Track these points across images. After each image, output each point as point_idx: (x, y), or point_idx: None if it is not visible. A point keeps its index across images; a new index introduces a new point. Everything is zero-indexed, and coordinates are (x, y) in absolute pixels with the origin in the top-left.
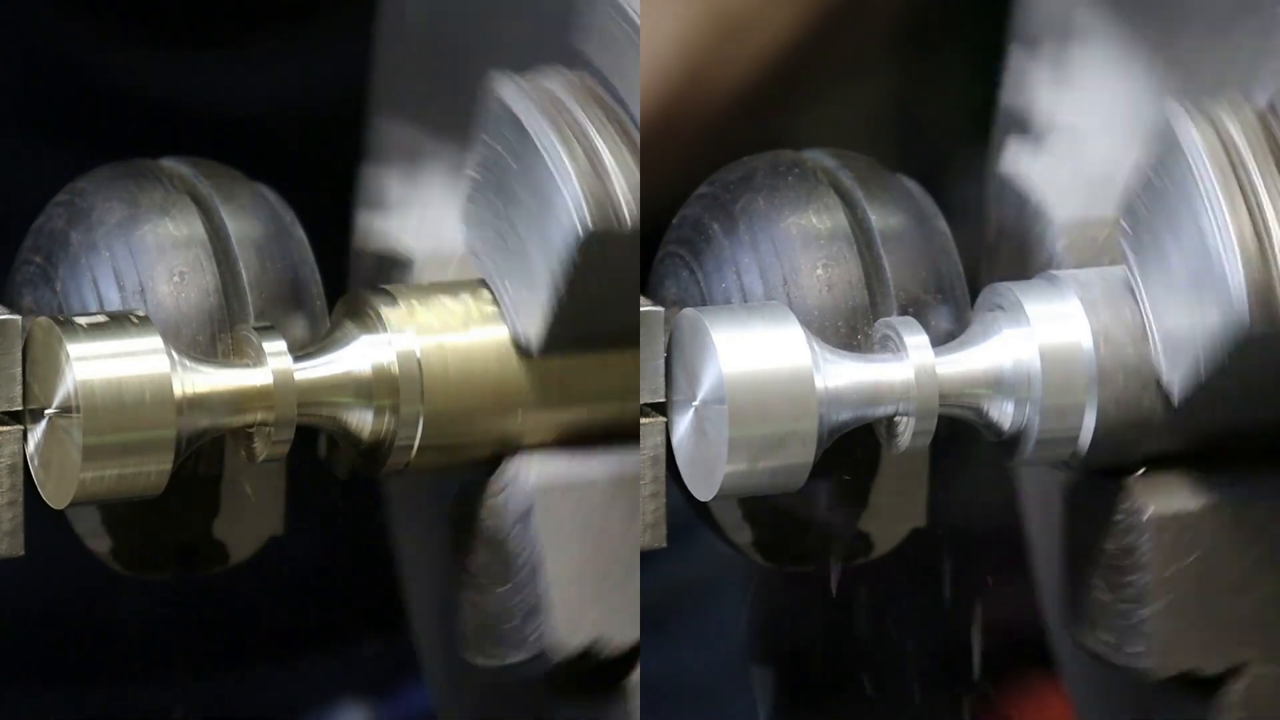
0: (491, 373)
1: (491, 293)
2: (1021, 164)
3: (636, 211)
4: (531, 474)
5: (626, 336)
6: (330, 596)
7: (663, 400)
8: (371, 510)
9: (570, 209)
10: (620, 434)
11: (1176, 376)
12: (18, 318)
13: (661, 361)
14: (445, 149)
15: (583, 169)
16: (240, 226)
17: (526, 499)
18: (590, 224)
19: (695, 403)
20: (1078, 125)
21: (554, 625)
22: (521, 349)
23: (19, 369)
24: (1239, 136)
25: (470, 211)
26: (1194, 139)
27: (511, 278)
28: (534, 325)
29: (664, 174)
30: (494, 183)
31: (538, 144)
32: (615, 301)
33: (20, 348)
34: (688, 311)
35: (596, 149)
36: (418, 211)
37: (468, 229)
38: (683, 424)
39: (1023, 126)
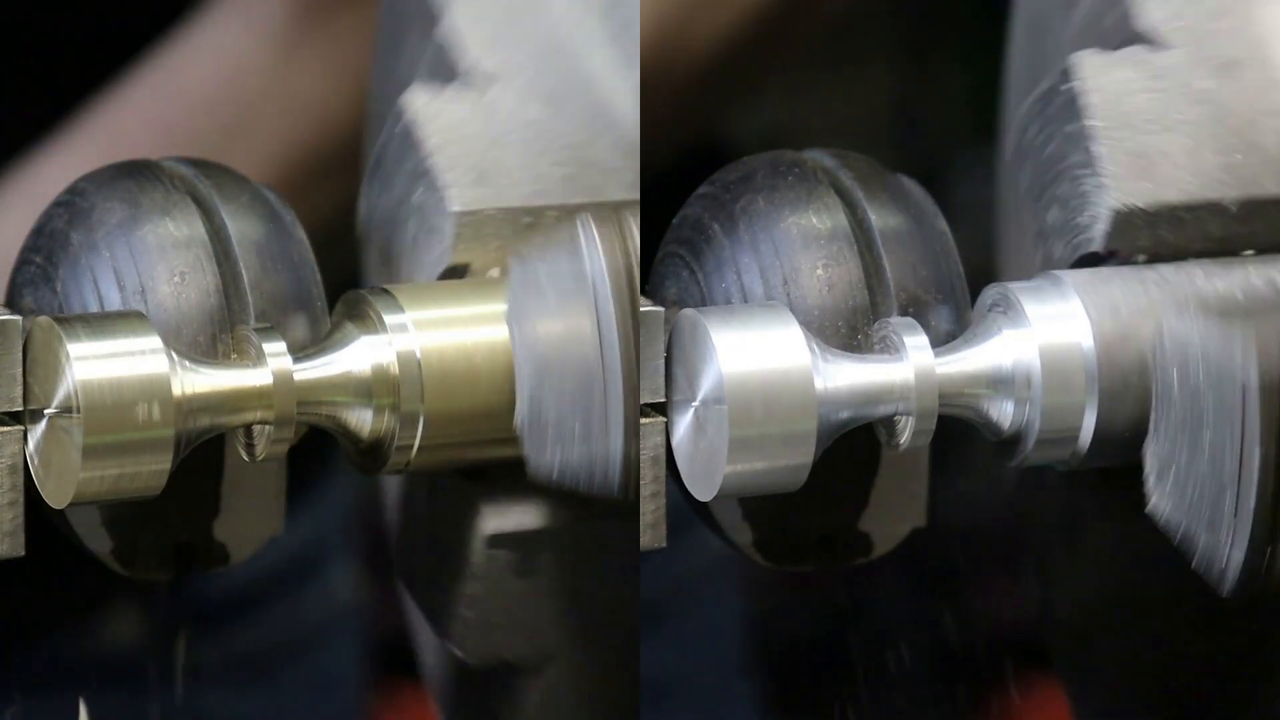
0: (491, 374)
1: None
2: None
3: None
4: None
5: None
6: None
7: (663, 400)
8: None
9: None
10: None
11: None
12: (18, 318)
13: (661, 361)
14: None
15: None
16: (241, 227)
17: None
18: None
19: (695, 403)
20: None
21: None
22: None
23: (19, 369)
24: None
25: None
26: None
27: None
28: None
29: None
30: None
31: None
32: None
33: (20, 348)
34: (688, 311)
35: None
36: None
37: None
38: (683, 424)
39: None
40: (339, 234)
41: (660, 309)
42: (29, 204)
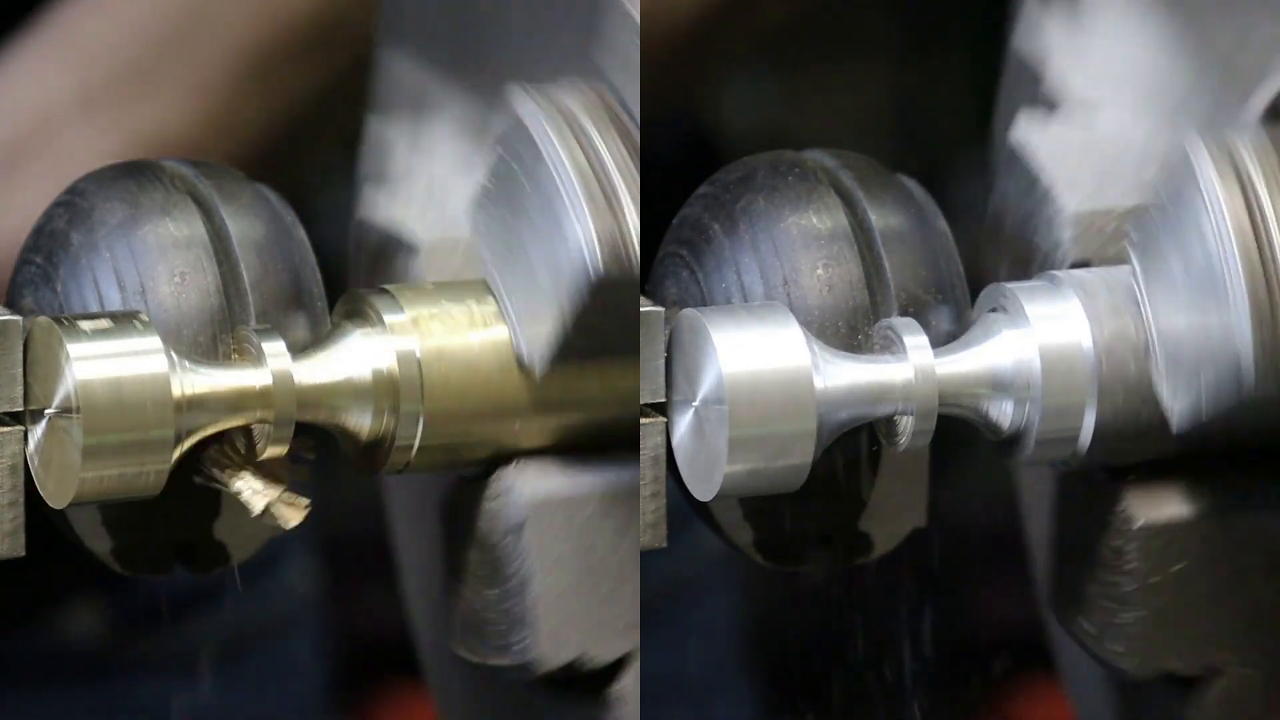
0: (491, 374)
1: (493, 295)
2: (1031, 137)
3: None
4: (526, 487)
5: (627, 350)
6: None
7: (663, 400)
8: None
9: (583, 250)
10: (617, 440)
11: (1177, 406)
12: (18, 318)
13: (662, 361)
14: (455, 99)
15: (598, 206)
16: (241, 227)
17: (520, 512)
18: (601, 269)
19: (695, 403)
20: (1090, 96)
21: (539, 639)
22: (523, 364)
23: (20, 369)
24: (1258, 177)
25: (480, 215)
26: (1213, 182)
27: (517, 295)
28: (538, 347)
29: None
30: (507, 196)
31: (554, 173)
32: (618, 334)
33: (21, 348)
34: (688, 311)
35: (612, 181)
36: (424, 185)
37: (476, 230)
38: (683, 424)
39: (1032, 88)
40: (300, 126)
41: (660, 309)
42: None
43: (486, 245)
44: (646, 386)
